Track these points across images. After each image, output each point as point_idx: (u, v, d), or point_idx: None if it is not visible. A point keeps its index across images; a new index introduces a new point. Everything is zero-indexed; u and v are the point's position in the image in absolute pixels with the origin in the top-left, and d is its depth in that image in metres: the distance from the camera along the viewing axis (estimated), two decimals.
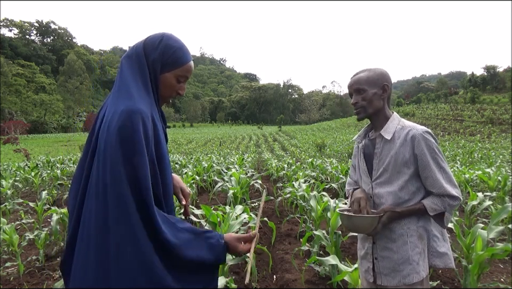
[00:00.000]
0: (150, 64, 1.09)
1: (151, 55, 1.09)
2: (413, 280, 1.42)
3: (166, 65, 1.10)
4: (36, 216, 5.67)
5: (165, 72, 1.11)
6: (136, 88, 1.04)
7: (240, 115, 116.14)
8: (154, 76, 1.10)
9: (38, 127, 63.10)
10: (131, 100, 0.99)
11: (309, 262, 2.86)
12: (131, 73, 1.07)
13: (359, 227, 1.44)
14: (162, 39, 1.10)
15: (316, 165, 11.14)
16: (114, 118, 0.96)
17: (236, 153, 20.59)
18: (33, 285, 3.21)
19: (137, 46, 1.12)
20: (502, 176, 6.30)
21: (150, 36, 1.13)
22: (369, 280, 1.54)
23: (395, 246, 1.45)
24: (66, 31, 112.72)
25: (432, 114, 46.19)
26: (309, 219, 4.65)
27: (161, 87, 1.12)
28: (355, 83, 1.52)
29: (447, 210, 1.43)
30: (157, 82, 1.11)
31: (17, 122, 31.17)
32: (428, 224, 1.48)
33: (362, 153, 1.61)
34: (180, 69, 1.12)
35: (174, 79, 1.13)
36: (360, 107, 1.52)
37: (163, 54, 1.09)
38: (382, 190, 1.49)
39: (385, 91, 1.51)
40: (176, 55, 1.11)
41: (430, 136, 1.44)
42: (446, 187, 1.40)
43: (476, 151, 17.93)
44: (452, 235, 3.91)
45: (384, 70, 1.53)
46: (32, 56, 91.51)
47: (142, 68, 1.08)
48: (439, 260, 1.47)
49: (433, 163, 1.41)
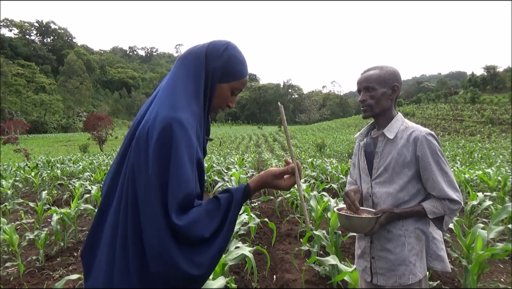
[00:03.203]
0: (209, 71, 1.04)
1: (213, 62, 1.04)
2: (408, 281, 1.41)
3: (226, 75, 1.05)
4: (36, 216, 5.67)
5: (223, 82, 1.06)
6: (185, 94, 0.99)
7: (240, 115, 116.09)
8: (211, 84, 1.05)
9: (38, 127, 63.13)
10: (176, 107, 0.94)
11: (309, 262, 2.86)
12: (185, 76, 1.02)
13: (356, 227, 1.44)
14: (227, 47, 1.06)
15: (316, 165, 11.14)
16: (155, 124, 0.91)
17: (236, 153, 20.59)
18: (33, 285, 3.21)
19: (198, 49, 1.06)
20: (502, 176, 6.30)
21: (213, 42, 1.07)
22: (367, 279, 1.54)
23: (392, 246, 1.44)
24: (66, 31, 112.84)
25: (432, 114, 46.21)
26: (309, 219, 4.65)
27: (215, 96, 1.08)
28: (365, 80, 1.49)
29: (446, 214, 1.41)
30: (212, 91, 1.06)
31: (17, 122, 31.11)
32: (425, 226, 1.47)
33: (363, 151, 1.60)
34: (238, 81, 1.08)
35: (229, 91, 1.08)
36: (367, 106, 1.50)
37: (226, 64, 1.05)
38: (382, 190, 1.48)
39: (395, 92, 1.49)
40: (238, 68, 1.07)
41: (434, 138, 1.42)
42: (447, 190, 1.38)
43: (476, 151, 17.93)
44: (452, 235, 3.91)
45: (396, 70, 1.51)
46: (32, 56, 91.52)
47: (199, 73, 1.03)
48: (438, 263, 1.47)
49: (435, 166, 1.39)
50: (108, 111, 75.24)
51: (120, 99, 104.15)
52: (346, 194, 1.48)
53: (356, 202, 1.45)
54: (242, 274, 3.33)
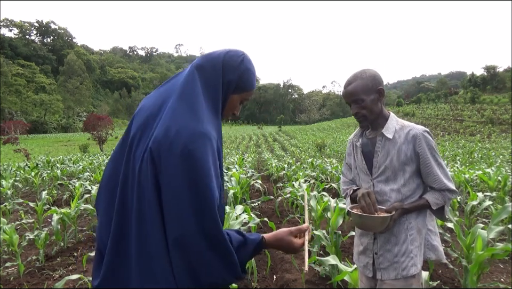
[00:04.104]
0: (224, 83, 1.04)
1: (228, 75, 1.04)
2: (411, 272, 1.48)
3: (239, 87, 1.07)
4: (35, 216, 5.67)
5: (236, 93, 1.08)
6: (206, 107, 0.98)
7: (240, 115, 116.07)
8: (224, 96, 1.06)
9: (38, 127, 63.14)
10: (202, 121, 0.93)
11: (309, 262, 2.86)
12: (203, 88, 1.00)
13: (370, 226, 1.47)
14: (243, 60, 1.07)
15: (316, 165, 11.15)
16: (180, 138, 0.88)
17: (236, 153, 20.58)
18: (33, 285, 3.21)
19: (215, 59, 1.05)
20: (502, 176, 6.30)
21: (229, 53, 1.07)
22: (368, 275, 1.59)
23: (396, 240, 1.51)
24: (66, 31, 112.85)
25: (432, 114, 46.22)
26: (309, 219, 4.65)
27: (226, 106, 1.09)
28: (351, 95, 1.51)
29: (446, 204, 1.51)
30: (225, 102, 1.07)
31: (17, 122, 31.12)
32: (424, 219, 1.55)
33: (361, 151, 1.63)
34: (248, 92, 1.11)
35: (239, 101, 1.11)
36: (361, 116, 1.54)
37: (241, 77, 1.06)
38: (386, 188, 1.54)
39: (381, 94, 1.53)
40: (251, 80, 1.09)
41: (429, 135, 1.52)
42: (446, 182, 1.49)
43: (476, 151, 17.94)
44: (452, 235, 3.90)
45: (374, 72, 1.53)
46: (32, 56, 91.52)
47: (217, 86, 1.03)
48: (433, 253, 1.56)
49: (433, 161, 1.49)
50: (107, 111, 75.28)
51: (120, 99, 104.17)
52: (369, 194, 1.49)
53: (376, 204, 1.48)
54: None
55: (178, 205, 0.86)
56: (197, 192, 0.87)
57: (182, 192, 0.86)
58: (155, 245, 0.88)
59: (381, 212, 1.48)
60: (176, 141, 0.87)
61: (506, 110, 39.57)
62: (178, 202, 0.86)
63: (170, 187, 0.87)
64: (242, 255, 1.00)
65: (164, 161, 0.87)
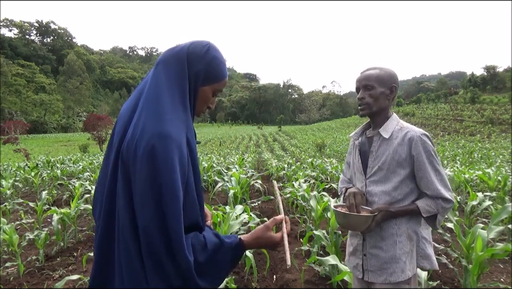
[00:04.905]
0: (191, 76, 1.00)
1: (195, 66, 1.00)
2: (398, 278, 1.45)
3: (208, 78, 1.02)
4: (35, 216, 5.66)
5: (205, 85, 1.03)
6: (172, 103, 0.95)
7: (240, 115, 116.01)
8: (194, 89, 1.02)
9: (38, 127, 63.13)
10: (164, 120, 0.90)
11: (308, 261, 2.86)
12: (168, 83, 0.97)
13: (352, 225, 1.47)
14: (208, 49, 1.02)
15: (316, 165, 11.15)
16: (142, 140, 0.88)
17: (236, 153, 20.58)
18: (33, 285, 3.21)
19: (178, 52, 1.01)
20: (502, 176, 6.30)
21: (193, 43, 1.03)
22: (358, 276, 1.58)
23: (384, 244, 1.48)
24: (66, 31, 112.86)
25: (432, 114, 46.20)
26: (309, 219, 4.65)
27: (198, 100, 1.05)
28: (365, 79, 1.52)
29: (439, 213, 1.44)
30: (195, 95, 1.03)
31: (17, 122, 31.13)
32: (417, 226, 1.51)
33: (358, 150, 1.63)
34: (219, 83, 1.05)
35: (210, 93, 1.06)
36: (365, 104, 1.53)
37: (208, 67, 1.01)
38: (376, 189, 1.51)
39: (392, 92, 1.53)
40: (220, 69, 1.04)
41: (428, 139, 1.47)
42: (440, 189, 1.43)
43: (476, 151, 17.92)
44: (452, 235, 3.91)
45: (394, 72, 1.55)
46: (32, 56, 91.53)
47: (182, 79, 0.98)
48: (427, 262, 1.51)
49: (429, 165, 1.44)
50: (107, 111, 75.20)
51: (120, 99, 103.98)
52: (354, 195, 1.50)
53: (359, 206, 1.49)
54: (242, 274, 3.33)
55: (142, 201, 0.87)
56: (159, 189, 0.87)
57: (144, 189, 0.87)
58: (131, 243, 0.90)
59: (365, 212, 1.47)
60: (139, 143, 0.88)
61: (506, 110, 39.53)
62: (142, 199, 0.87)
63: (136, 187, 0.88)
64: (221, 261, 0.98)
65: (132, 162, 0.89)
